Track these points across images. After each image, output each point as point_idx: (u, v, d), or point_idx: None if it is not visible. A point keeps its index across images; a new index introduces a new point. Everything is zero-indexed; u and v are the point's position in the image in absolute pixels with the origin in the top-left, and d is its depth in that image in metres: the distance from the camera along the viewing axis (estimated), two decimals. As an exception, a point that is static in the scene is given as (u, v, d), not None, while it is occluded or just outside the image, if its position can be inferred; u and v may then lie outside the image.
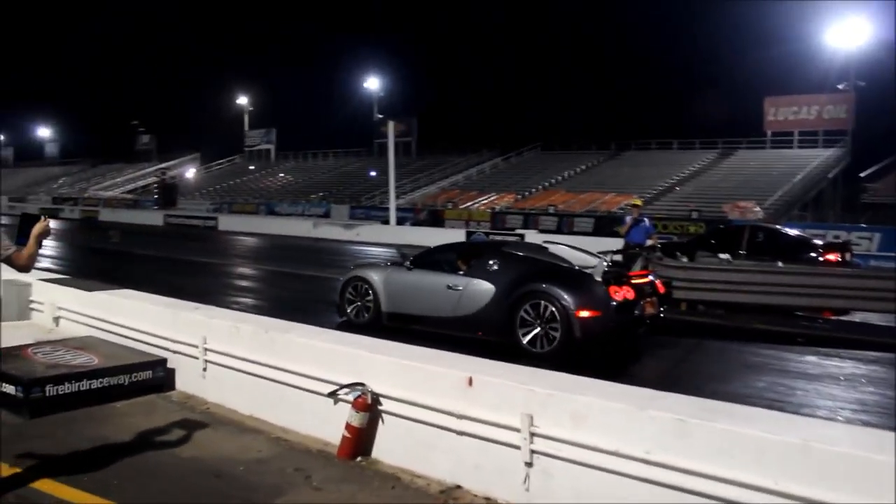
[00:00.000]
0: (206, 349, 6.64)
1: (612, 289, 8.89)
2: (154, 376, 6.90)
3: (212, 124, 79.44)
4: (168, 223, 44.11)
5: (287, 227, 37.45)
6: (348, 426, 5.15)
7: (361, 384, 5.20)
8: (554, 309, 8.66)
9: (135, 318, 7.59)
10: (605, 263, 9.18)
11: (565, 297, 8.65)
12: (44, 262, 20.16)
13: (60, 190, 76.92)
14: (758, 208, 33.82)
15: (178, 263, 21.38)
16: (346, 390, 5.30)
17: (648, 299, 9.48)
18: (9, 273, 10.20)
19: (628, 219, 13.64)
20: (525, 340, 8.85)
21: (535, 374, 4.79)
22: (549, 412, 4.25)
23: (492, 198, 46.05)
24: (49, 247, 27.56)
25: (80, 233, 35.06)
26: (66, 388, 6.30)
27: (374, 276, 10.53)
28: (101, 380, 6.53)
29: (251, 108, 76.42)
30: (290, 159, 70.79)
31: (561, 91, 74.48)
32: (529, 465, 4.32)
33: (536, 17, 79.16)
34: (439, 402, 4.77)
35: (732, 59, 62.10)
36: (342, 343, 5.57)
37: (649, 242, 14.26)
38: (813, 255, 15.38)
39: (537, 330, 8.81)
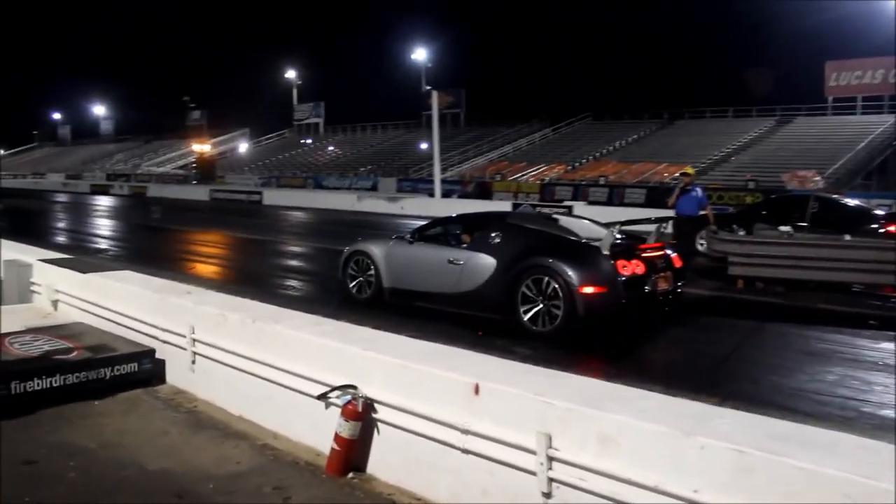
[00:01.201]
0: (193, 339, 5.88)
1: (620, 263, 8.14)
2: (140, 369, 6.17)
3: (261, 99, 79.44)
4: (214, 198, 44.03)
5: (331, 201, 36.95)
6: (337, 437, 4.33)
7: (353, 387, 4.38)
8: (556, 285, 8.01)
9: (125, 303, 6.88)
10: (614, 235, 8.27)
11: (568, 271, 7.97)
12: (75, 239, 19.85)
13: (115, 166, 77.74)
14: (818, 177, 32.24)
15: (208, 240, 20.85)
16: (337, 392, 4.49)
17: (661, 274, 8.64)
18: (10, 252, 9.73)
19: (677, 188, 12.49)
20: (526, 318, 8.25)
21: (553, 381, 3.88)
22: (570, 432, 3.38)
23: (541, 169, 44.91)
24: (90, 224, 27.42)
25: (129, 209, 34.99)
26: (37, 384, 5.59)
27: (376, 250, 10.00)
28: (77, 374, 5.82)
29: (300, 82, 76.19)
30: (339, 132, 70.46)
31: (612, 59, 72.46)
32: (548, 495, 3.45)
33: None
34: (441, 412, 3.93)
35: (791, 21, 59.42)
36: (332, 336, 4.72)
37: (702, 213, 13.13)
38: (873, 226, 14.19)
39: (539, 307, 8.18)
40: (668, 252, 9.08)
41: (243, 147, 73.81)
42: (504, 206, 29.66)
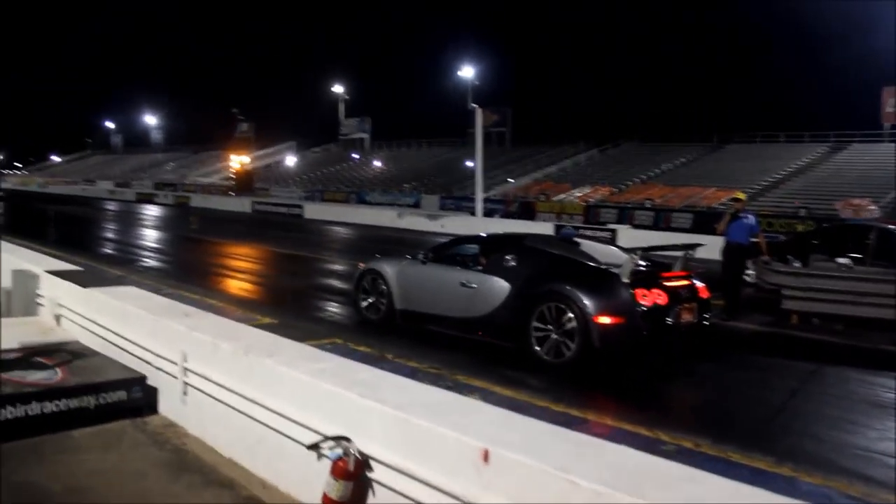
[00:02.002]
0: (185, 368, 5.28)
1: (640, 292, 7.56)
2: (130, 398, 5.58)
3: (308, 113, 79.81)
4: (255, 210, 44.00)
5: (371, 217, 36.53)
6: (325, 498, 3.68)
7: (346, 439, 3.73)
8: (571, 313, 7.47)
9: (122, 322, 6.31)
10: (635, 262, 7.60)
11: (583, 299, 7.44)
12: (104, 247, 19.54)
13: (163, 176, 78.56)
14: (873, 206, 31.01)
15: (244, 254, 20.42)
16: (330, 443, 3.85)
17: (686, 305, 8.00)
18: (20, 261, 9.29)
19: (726, 214, 11.63)
20: (538, 347, 7.80)
21: (580, 450, 3.15)
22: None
23: (586, 191, 44.15)
24: (126, 231, 27.23)
25: (170, 219, 34.92)
26: (9, 412, 5.03)
27: (388, 270, 9.62)
28: (57, 402, 5.23)
29: (347, 97, 76.18)
30: (384, 148, 70.29)
31: (661, 81, 71.41)
32: None
33: (634, 2, 76.14)
34: (444, 479, 3.25)
35: (846, 45, 57.86)
36: (327, 377, 4.06)
37: (754, 241, 12.17)
38: None
39: (553, 336, 7.64)
40: (695, 281, 8.43)
41: (291, 160, 74.00)
42: (546, 227, 28.93)
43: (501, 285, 8.25)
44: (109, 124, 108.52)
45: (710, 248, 12.44)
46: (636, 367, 7.98)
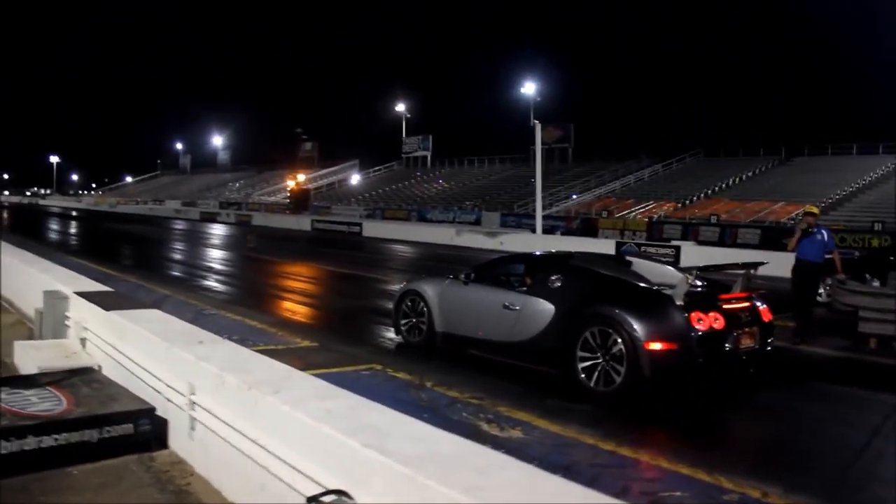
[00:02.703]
0: (192, 401, 4.83)
1: (695, 315, 6.88)
2: (137, 431, 5.16)
3: (371, 131, 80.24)
4: (315, 228, 44.13)
5: (429, 235, 36.10)
6: (320, 563, 3.17)
7: (346, 495, 3.22)
8: (619, 338, 6.86)
9: (138, 349, 5.91)
10: (689, 282, 6.94)
11: (633, 323, 6.82)
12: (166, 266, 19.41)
13: (229, 195, 79.73)
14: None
15: (290, 272, 20.14)
16: (332, 497, 3.33)
17: (746, 329, 7.31)
18: (54, 281, 9.04)
19: (798, 230, 10.74)
20: (584, 375, 7.22)
21: None
22: None
23: (649, 206, 43.11)
24: (185, 252, 27.26)
25: (229, 238, 35.09)
26: (2, 447, 4.63)
27: (429, 291, 9.15)
28: (56, 436, 4.83)
29: (409, 115, 76.31)
30: (446, 166, 70.11)
31: (726, 93, 69.72)
32: None
33: (697, 14, 74.62)
34: (451, 550, 2.71)
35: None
36: (331, 420, 3.53)
37: (828, 257, 11.18)
38: None
39: (599, 363, 7.11)
40: (757, 303, 7.71)
41: (355, 178, 74.34)
42: (608, 244, 28.20)
43: (546, 308, 7.68)
44: (179, 146, 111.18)
45: (778, 265, 11.66)
46: (692, 399, 7.29)
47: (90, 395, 5.45)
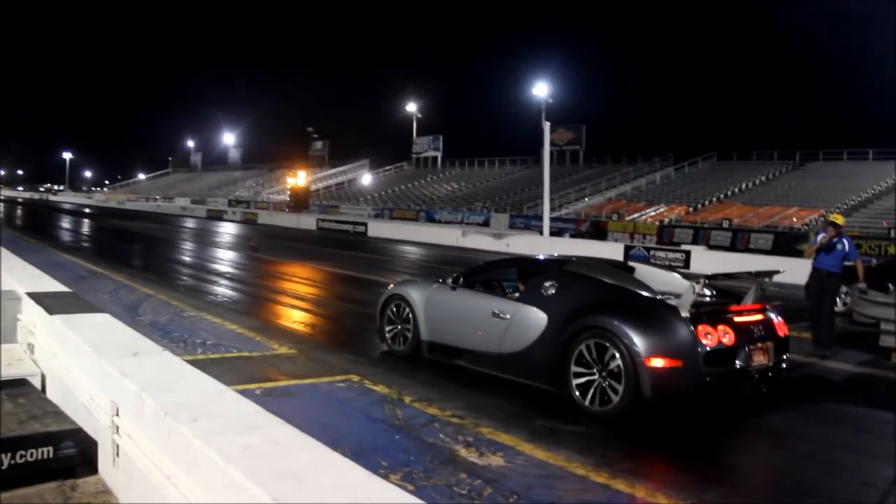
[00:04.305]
0: (115, 424, 4.19)
1: (703, 329, 6.22)
2: (57, 455, 4.50)
3: (381, 131, 79.75)
4: (320, 227, 43.60)
5: (435, 235, 35.50)
6: None
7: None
8: (616, 353, 6.20)
9: (76, 358, 5.27)
10: (696, 292, 6.26)
11: (632, 336, 6.16)
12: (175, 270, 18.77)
13: (239, 193, 79.45)
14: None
15: (285, 272, 19.50)
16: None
17: (758, 345, 6.63)
18: (9, 279, 8.39)
19: (818, 238, 9.97)
20: (578, 393, 6.57)
21: None
22: None
23: (660, 210, 42.37)
24: (181, 251, 26.67)
25: (232, 236, 34.58)
26: None
27: (415, 295, 8.48)
28: (-42, 463, 4.21)
29: (419, 115, 75.69)
30: (456, 166, 69.49)
31: (739, 97, 68.81)
32: None
33: (710, 17, 73.72)
34: None
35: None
36: (245, 462, 2.86)
37: (847, 264, 10.35)
38: None
39: (595, 380, 6.46)
40: (770, 315, 7.03)
41: (366, 178, 73.76)
42: (616, 247, 27.47)
43: (538, 317, 7.03)
44: (190, 143, 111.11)
45: (792, 272, 10.92)
46: (697, 423, 6.59)
47: (10, 413, 4.79)
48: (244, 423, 3.40)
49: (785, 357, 7.08)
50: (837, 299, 11.66)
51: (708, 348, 6.19)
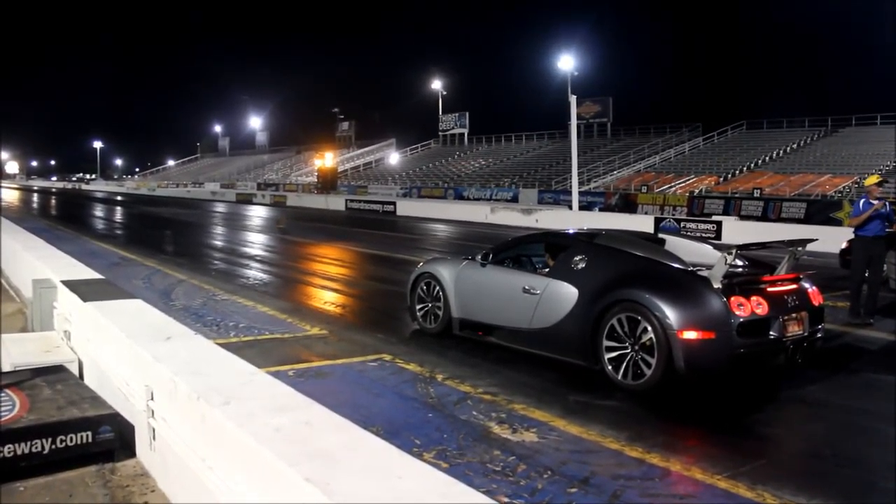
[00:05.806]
0: (150, 408, 4.23)
1: (735, 300, 6.13)
2: (96, 440, 4.56)
3: (406, 110, 79.63)
4: (349, 208, 43.74)
5: (464, 212, 35.49)
6: None
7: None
8: (648, 326, 6.12)
9: (109, 345, 5.33)
10: (728, 262, 6.16)
11: (664, 309, 6.08)
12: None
13: (267, 176, 79.85)
14: None
15: (315, 253, 19.55)
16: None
17: (793, 315, 6.51)
18: (45, 268, 8.52)
19: (861, 203, 9.72)
20: (611, 367, 6.51)
21: None
22: None
23: (690, 181, 41.96)
24: (213, 235, 26.87)
25: (263, 219, 34.79)
26: (-67, 463, 4.08)
27: (445, 274, 8.46)
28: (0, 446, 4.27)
29: (444, 93, 75.45)
30: (483, 143, 69.22)
31: (768, 63, 67.74)
32: None
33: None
34: None
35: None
36: (277, 443, 2.88)
37: (889, 231, 10.13)
38: None
39: (628, 354, 6.40)
40: (805, 285, 6.91)
41: (394, 157, 73.75)
42: (647, 220, 27.27)
43: (569, 291, 6.97)
44: (217, 128, 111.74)
45: (825, 241, 10.77)
46: (732, 396, 6.52)
47: (49, 399, 4.87)
48: (276, 404, 3.41)
49: (821, 327, 6.97)
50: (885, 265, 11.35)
51: (741, 319, 6.11)
